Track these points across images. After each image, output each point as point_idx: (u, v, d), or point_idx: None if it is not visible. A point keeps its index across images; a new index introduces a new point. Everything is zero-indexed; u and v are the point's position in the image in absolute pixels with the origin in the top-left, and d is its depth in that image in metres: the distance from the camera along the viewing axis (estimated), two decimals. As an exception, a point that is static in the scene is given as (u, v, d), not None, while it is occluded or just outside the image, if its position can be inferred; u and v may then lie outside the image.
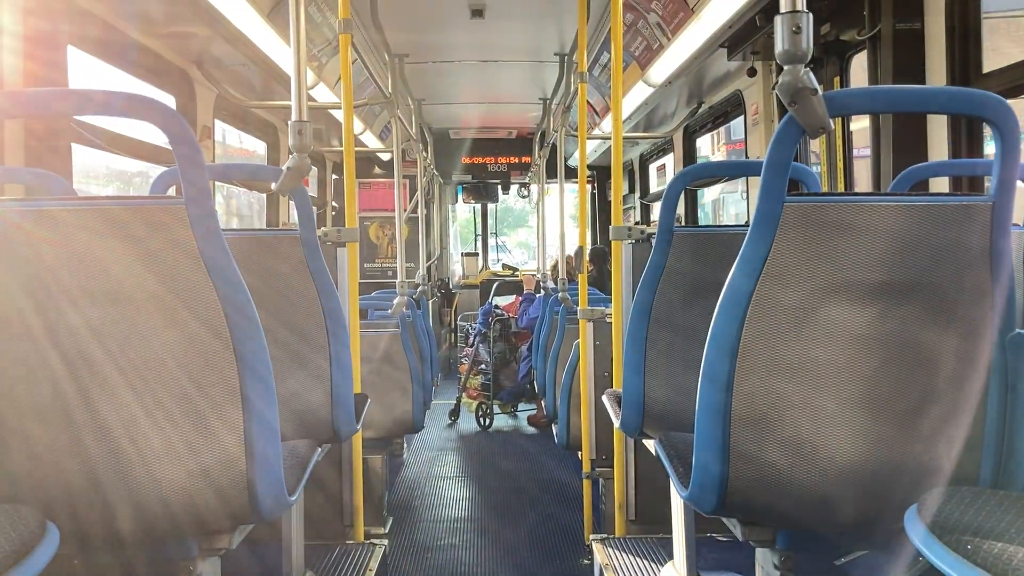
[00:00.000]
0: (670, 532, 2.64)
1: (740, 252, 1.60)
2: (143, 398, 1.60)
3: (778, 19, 1.48)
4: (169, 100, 4.60)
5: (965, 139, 3.04)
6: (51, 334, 1.58)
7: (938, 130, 3.12)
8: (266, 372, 1.67)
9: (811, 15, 1.48)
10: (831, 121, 1.48)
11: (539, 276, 7.63)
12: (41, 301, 1.58)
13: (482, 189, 11.63)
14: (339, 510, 3.39)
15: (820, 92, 1.47)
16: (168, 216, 1.58)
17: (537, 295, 7.37)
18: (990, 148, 1.76)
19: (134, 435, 1.61)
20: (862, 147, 3.90)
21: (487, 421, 7.43)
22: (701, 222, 11.92)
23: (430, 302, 8.00)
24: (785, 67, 1.48)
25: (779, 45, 1.48)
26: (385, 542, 3.36)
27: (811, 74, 1.46)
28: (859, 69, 3.77)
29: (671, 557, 2.61)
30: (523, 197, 12.05)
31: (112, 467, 1.61)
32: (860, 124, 4.02)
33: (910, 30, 3.20)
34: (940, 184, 3.02)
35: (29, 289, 1.58)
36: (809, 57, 1.47)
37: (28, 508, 1.48)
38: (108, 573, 2.03)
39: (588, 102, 6.80)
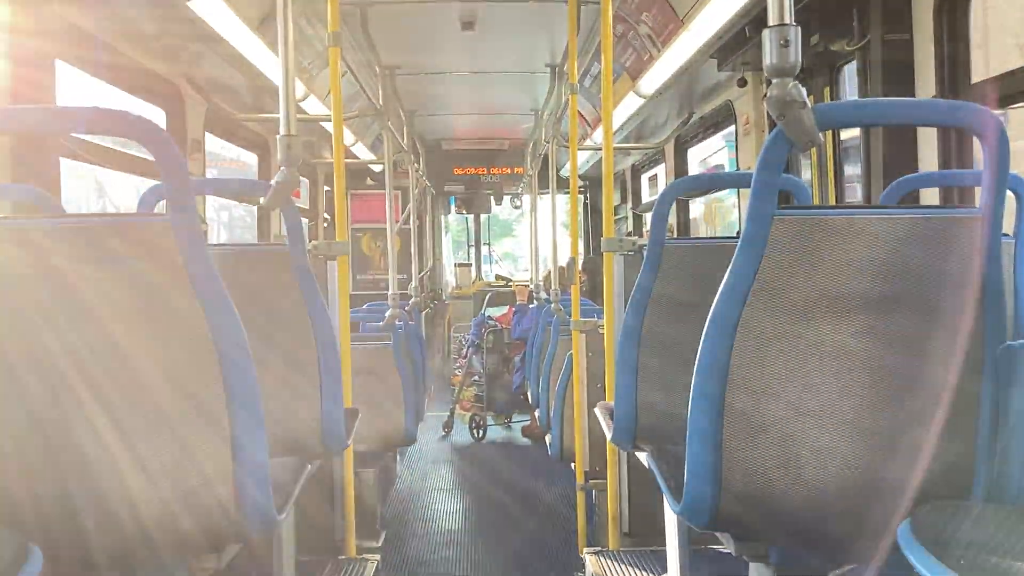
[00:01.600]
0: (664, 545, 2.63)
1: (730, 265, 1.59)
2: (128, 418, 1.58)
3: (766, 32, 1.48)
4: (159, 114, 4.59)
5: (955, 149, 3.05)
6: (34, 354, 1.57)
7: (928, 141, 3.12)
8: (253, 389, 1.66)
9: (799, 28, 1.47)
10: (820, 135, 1.48)
11: (532, 287, 7.62)
12: (24, 320, 1.56)
13: (475, 200, 11.63)
14: (331, 525, 3.37)
15: (809, 105, 1.46)
16: (153, 233, 1.56)
17: (531, 306, 7.36)
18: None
19: (119, 455, 1.59)
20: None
21: (480, 433, 7.41)
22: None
23: (423, 313, 7.98)
24: (773, 80, 1.47)
25: (767, 58, 1.47)
26: (378, 557, 3.35)
27: (800, 87, 1.46)
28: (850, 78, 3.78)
29: (665, 570, 2.60)
30: (516, 208, 12.07)
31: (96, 488, 1.59)
32: (851, 132, 4.03)
33: (899, 41, 3.21)
34: (931, 195, 3.02)
35: (12, 308, 1.56)
36: (797, 70, 1.47)
37: (10, 531, 1.46)
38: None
39: (580, 113, 6.82)
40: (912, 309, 1.59)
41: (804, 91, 1.46)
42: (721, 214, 7.85)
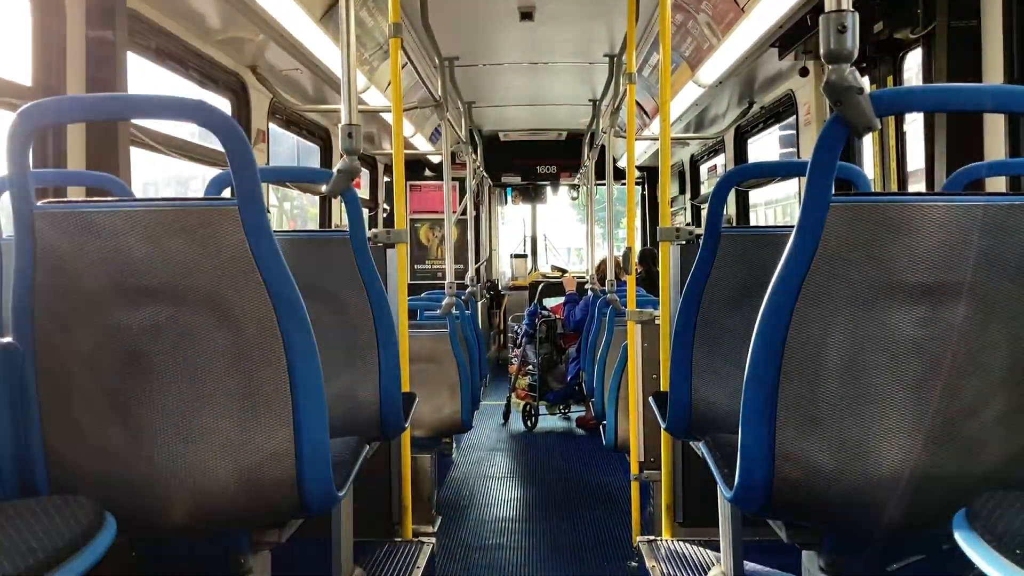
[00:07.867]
0: (718, 535, 2.63)
1: (785, 252, 1.59)
2: (197, 394, 1.65)
3: (823, 18, 1.47)
4: (225, 104, 4.70)
5: (1024, 138, 2.97)
6: (110, 331, 1.64)
7: (995, 130, 3.05)
8: (315, 369, 1.71)
9: (857, 14, 1.46)
10: (878, 120, 1.46)
11: (586, 278, 7.63)
12: (101, 299, 1.64)
13: (531, 191, 11.67)
14: (388, 508, 3.44)
15: (867, 91, 1.45)
16: (221, 217, 1.62)
17: (583, 297, 7.36)
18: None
19: (188, 430, 1.66)
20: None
21: (532, 422, 7.45)
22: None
23: (479, 303, 8.03)
24: (830, 66, 1.46)
25: (824, 44, 1.47)
26: (433, 540, 3.39)
27: (856, 73, 1.45)
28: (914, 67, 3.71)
29: (718, 559, 2.60)
30: (573, 199, 12.09)
31: (166, 460, 1.66)
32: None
33: (966, 27, 3.13)
34: (997, 185, 2.96)
35: (90, 287, 1.63)
36: (855, 56, 1.46)
37: (88, 499, 1.54)
38: (162, 566, 2.09)
39: (638, 103, 6.78)
40: (973, 298, 1.57)
41: (859, 76, 1.45)
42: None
